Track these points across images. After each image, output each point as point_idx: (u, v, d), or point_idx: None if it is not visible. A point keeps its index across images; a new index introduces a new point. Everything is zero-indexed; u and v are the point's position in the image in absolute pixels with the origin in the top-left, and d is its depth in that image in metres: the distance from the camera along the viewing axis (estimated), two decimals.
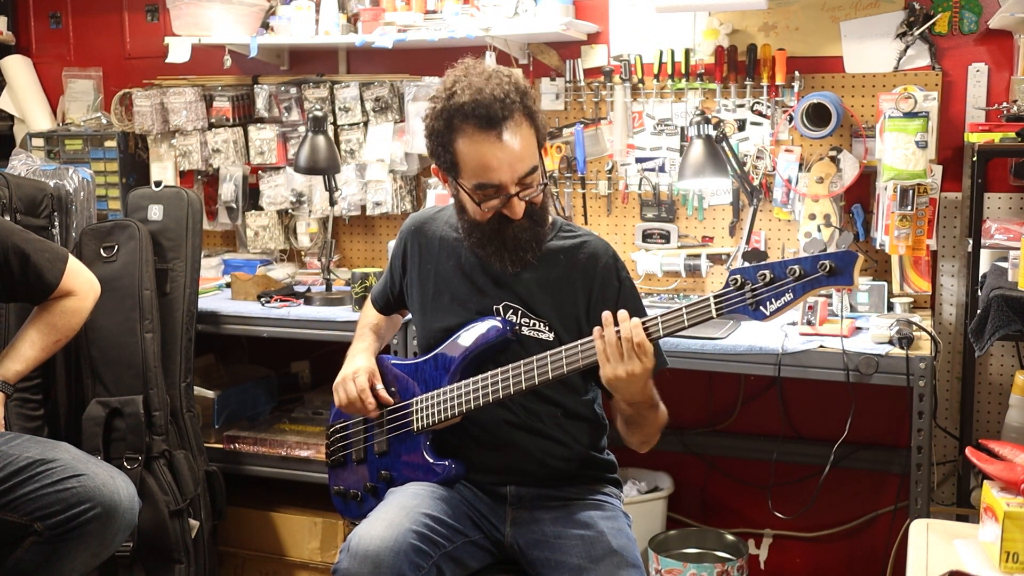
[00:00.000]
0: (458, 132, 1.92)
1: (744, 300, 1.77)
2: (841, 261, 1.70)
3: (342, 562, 1.87)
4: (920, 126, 2.70)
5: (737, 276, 1.77)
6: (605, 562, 1.94)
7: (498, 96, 1.90)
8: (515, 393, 1.97)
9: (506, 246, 2.00)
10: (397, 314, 2.40)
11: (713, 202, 3.21)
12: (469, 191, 1.96)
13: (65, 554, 2.21)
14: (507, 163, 1.91)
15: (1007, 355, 2.97)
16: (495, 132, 1.90)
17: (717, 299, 1.79)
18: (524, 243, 2.01)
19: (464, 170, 1.94)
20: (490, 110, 1.89)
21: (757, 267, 1.76)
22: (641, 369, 1.81)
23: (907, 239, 2.78)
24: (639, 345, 1.81)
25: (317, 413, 3.31)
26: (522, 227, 1.99)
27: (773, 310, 1.75)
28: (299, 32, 3.33)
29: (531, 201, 1.98)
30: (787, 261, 1.74)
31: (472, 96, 1.90)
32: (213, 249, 3.77)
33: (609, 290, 2.06)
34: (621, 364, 1.82)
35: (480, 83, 1.92)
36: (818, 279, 1.72)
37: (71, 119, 3.86)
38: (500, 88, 1.91)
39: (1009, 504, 1.62)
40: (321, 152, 3.14)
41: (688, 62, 3.13)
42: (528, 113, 1.95)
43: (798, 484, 3.17)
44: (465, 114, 1.90)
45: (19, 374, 2.47)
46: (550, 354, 1.93)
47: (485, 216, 1.98)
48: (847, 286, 1.73)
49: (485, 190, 1.95)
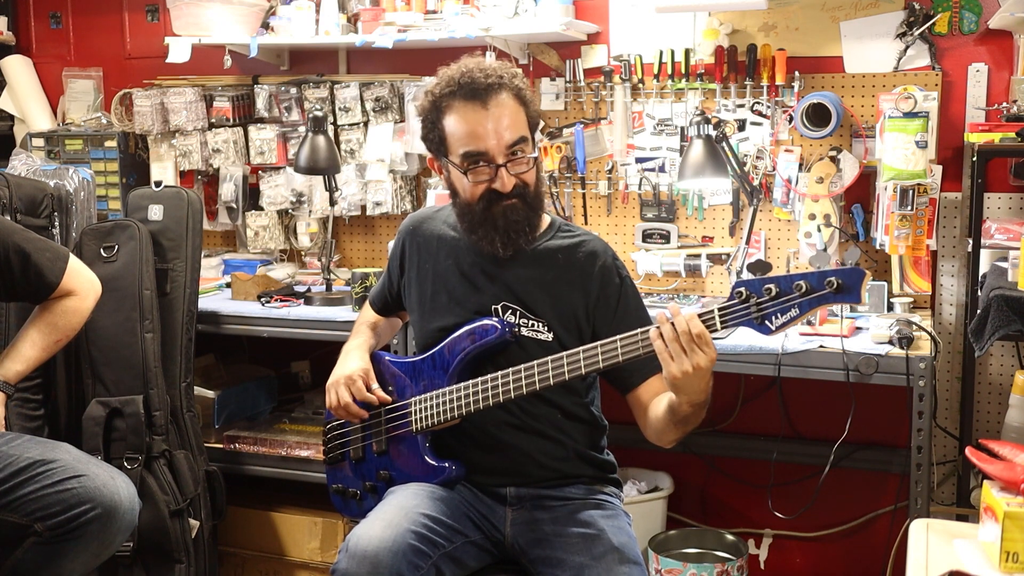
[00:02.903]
0: (445, 110, 1.99)
1: (749, 314, 1.76)
2: (849, 279, 1.68)
3: (340, 562, 1.87)
4: (920, 126, 2.70)
5: (742, 289, 1.75)
6: (606, 559, 1.94)
7: (484, 70, 1.97)
8: (516, 397, 1.97)
9: (496, 227, 2.00)
10: (396, 317, 2.40)
11: (713, 202, 3.21)
12: (458, 164, 1.99)
13: (65, 554, 2.21)
14: (492, 129, 1.95)
15: (1007, 355, 2.97)
16: (480, 101, 1.95)
17: (722, 311, 1.77)
18: (515, 224, 2.00)
19: (452, 143, 1.99)
20: (475, 81, 1.95)
21: (763, 280, 1.74)
22: (707, 360, 1.77)
23: (907, 239, 2.78)
24: (699, 336, 1.76)
25: (317, 413, 3.31)
26: (513, 207, 1.99)
27: (779, 325, 1.73)
28: (299, 32, 3.33)
29: (522, 179, 1.99)
30: (793, 276, 1.72)
31: (459, 71, 1.98)
32: (213, 249, 3.77)
33: (610, 288, 2.06)
34: (686, 359, 1.76)
35: (468, 63, 2.00)
36: (825, 296, 1.70)
37: (71, 119, 3.86)
38: (488, 66, 1.98)
39: (1009, 504, 1.61)
40: (321, 152, 3.14)
41: (688, 62, 3.13)
42: (516, 93, 1.99)
43: (798, 484, 3.17)
44: (452, 90, 1.97)
45: (20, 374, 2.47)
46: (551, 360, 1.92)
47: (475, 193, 1.99)
48: (854, 303, 1.71)
49: (473, 158, 1.97)
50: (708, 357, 1.77)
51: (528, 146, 2.00)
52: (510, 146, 1.96)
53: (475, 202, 2.00)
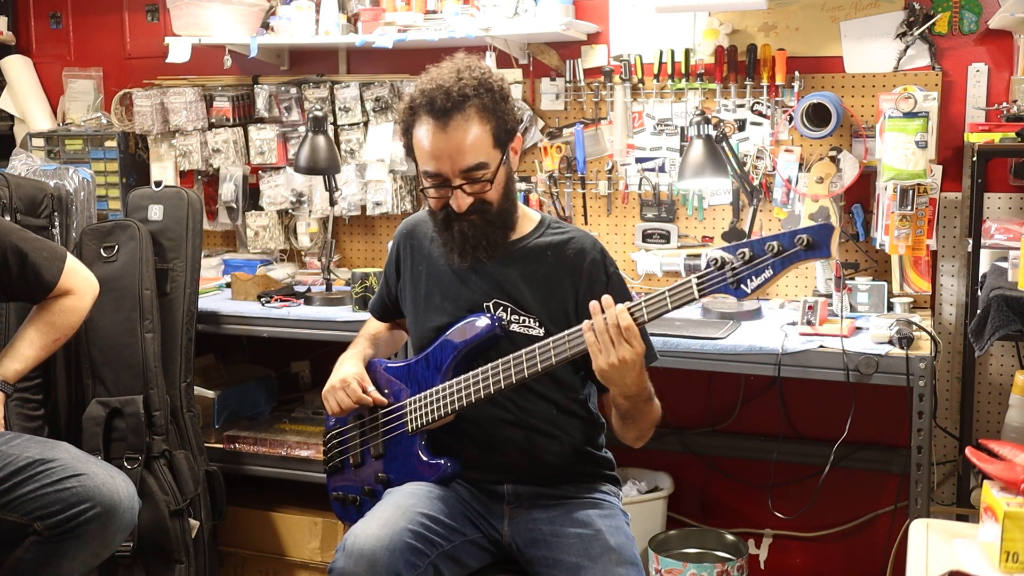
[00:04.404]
0: (416, 119, 2.00)
1: (725, 279, 1.77)
2: (818, 234, 1.71)
3: (338, 561, 1.87)
4: (920, 126, 2.70)
5: (717, 256, 1.77)
6: (603, 560, 1.94)
7: (452, 88, 1.95)
8: (506, 388, 1.97)
9: (454, 239, 2.04)
10: (399, 330, 2.40)
11: (713, 202, 3.21)
12: (422, 177, 2.03)
13: (65, 554, 2.21)
14: (447, 153, 1.96)
15: (1007, 355, 2.97)
16: (440, 122, 1.96)
17: (699, 280, 1.79)
18: (472, 239, 2.02)
19: (418, 156, 2.02)
20: (437, 101, 1.95)
21: (736, 246, 1.76)
22: (632, 355, 1.81)
23: (907, 239, 2.77)
24: (627, 329, 1.80)
25: (317, 413, 3.31)
26: (471, 223, 2.01)
27: (754, 287, 1.76)
28: (299, 32, 3.33)
29: (482, 197, 2.00)
30: (765, 238, 1.75)
31: (429, 85, 1.98)
32: (213, 249, 3.77)
33: (597, 284, 2.06)
34: (612, 351, 1.81)
35: (441, 75, 1.98)
36: (796, 253, 1.72)
37: (71, 119, 3.86)
38: (458, 82, 1.96)
39: (1009, 504, 1.61)
40: (321, 152, 3.14)
41: (688, 62, 3.13)
42: (483, 109, 1.97)
43: (798, 484, 3.17)
44: (421, 102, 1.98)
45: (19, 373, 2.47)
46: (538, 347, 1.93)
47: (435, 206, 2.04)
48: (825, 258, 1.74)
49: (430, 178, 2.00)
50: (634, 351, 1.81)
51: (489, 169, 1.99)
52: (465, 171, 1.97)
53: (437, 212, 2.05)
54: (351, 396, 2.13)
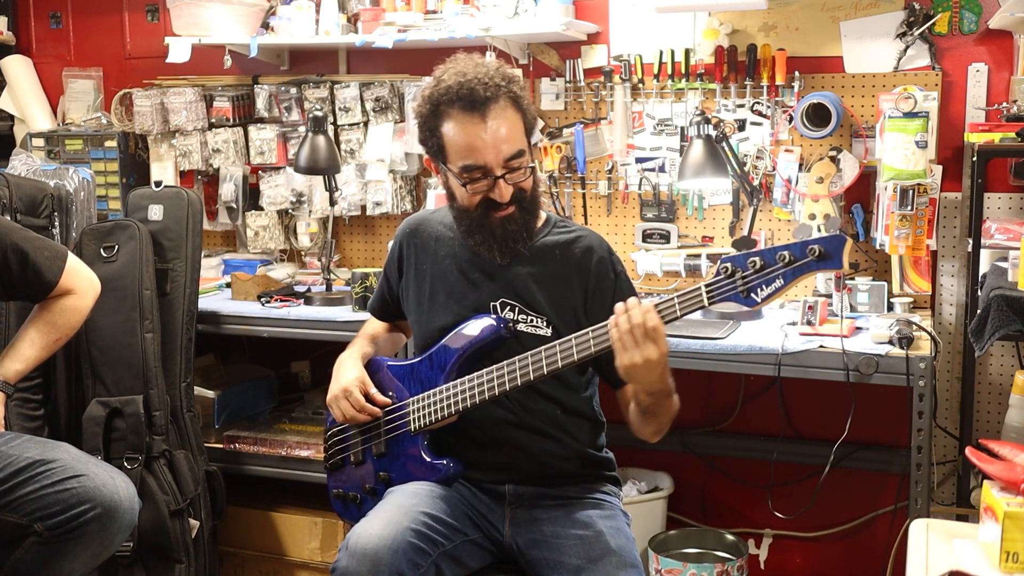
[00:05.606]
0: (444, 116, 1.97)
1: (735, 288, 1.77)
2: (830, 245, 1.71)
3: (340, 560, 1.87)
4: (920, 126, 2.70)
5: (727, 264, 1.77)
6: (604, 562, 1.93)
7: (482, 79, 1.94)
8: (511, 390, 1.96)
9: (494, 235, 2.02)
10: (399, 332, 2.40)
11: (713, 202, 3.21)
12: (456, 174, 1.99)
13: (65, 554, 2.21)
14: (491, 144, 1.94)
15: (1007, 355, 2.97)
16: (479, 113, 1.94)
17: (708, 288, 1.79)
18: (513, 232, 2.02)
19: (451, 153, 1.98)
20: (474, 92, 1.93)
21: (747, 254, 1.76)
22: (658, 354, 1.79)
23: (907, 239, 2.77)
24: (653, 329, 1.78)
25: (317, 413, 3.31)
26: (510, 216, 2.00)
27: (764, 296, 1.75)
28: (299, 32, 3.33)
29: (519, 187, 1.99)
30: (776, 247, 1.75)
31: (456, 80, 1.96)
32: (213, 249, 3.77)
33: (605, 283, 2.06)
34: (637, 350, 1.79)
35: (465, 69, 1.97)
36: (807, 264, 1.72)
37: (71, 119, 3.86)
38: (485, 74, 1.96)
39: (1009, 504, 1.62)
40: (321, 152, 3.14)
41: (688, 62, 3.13)
42: (514, 99, 1.98)
43: (798, 484, 3.17)
44: (450, 98, 1.95)
45: (19, 373, 2.47)
46: (544, 349, 1.92)
47: (473, 201, 2.00)
48: (836, 270, 1.73)
49: (471, 172, 1.97)
50: (659, 351, 1.79)
51: (526, 157, 2.00)
52: (508, 159, 1.96)
53: (472, 209, 2.01)
54: (355, 405, 2.12)
